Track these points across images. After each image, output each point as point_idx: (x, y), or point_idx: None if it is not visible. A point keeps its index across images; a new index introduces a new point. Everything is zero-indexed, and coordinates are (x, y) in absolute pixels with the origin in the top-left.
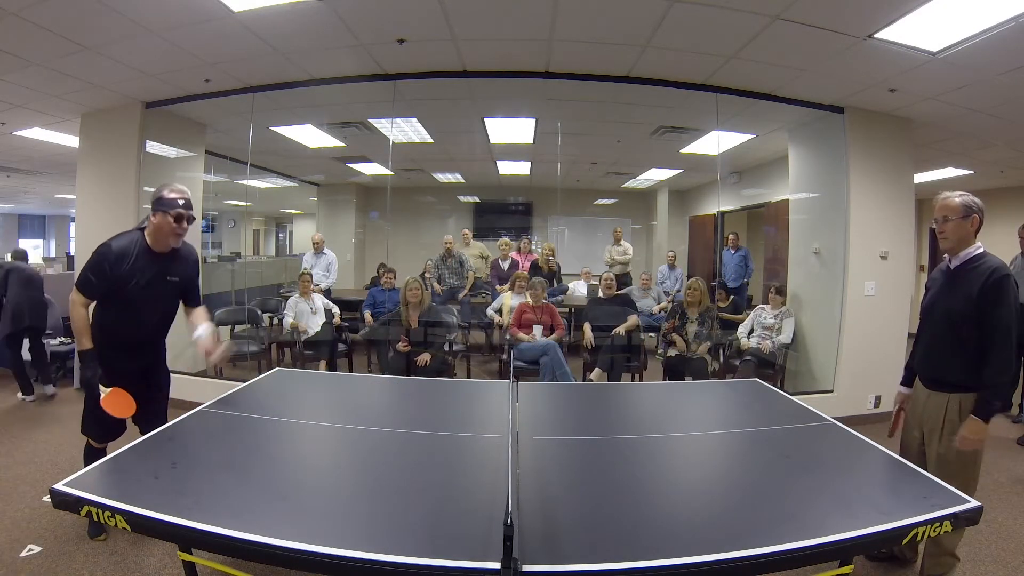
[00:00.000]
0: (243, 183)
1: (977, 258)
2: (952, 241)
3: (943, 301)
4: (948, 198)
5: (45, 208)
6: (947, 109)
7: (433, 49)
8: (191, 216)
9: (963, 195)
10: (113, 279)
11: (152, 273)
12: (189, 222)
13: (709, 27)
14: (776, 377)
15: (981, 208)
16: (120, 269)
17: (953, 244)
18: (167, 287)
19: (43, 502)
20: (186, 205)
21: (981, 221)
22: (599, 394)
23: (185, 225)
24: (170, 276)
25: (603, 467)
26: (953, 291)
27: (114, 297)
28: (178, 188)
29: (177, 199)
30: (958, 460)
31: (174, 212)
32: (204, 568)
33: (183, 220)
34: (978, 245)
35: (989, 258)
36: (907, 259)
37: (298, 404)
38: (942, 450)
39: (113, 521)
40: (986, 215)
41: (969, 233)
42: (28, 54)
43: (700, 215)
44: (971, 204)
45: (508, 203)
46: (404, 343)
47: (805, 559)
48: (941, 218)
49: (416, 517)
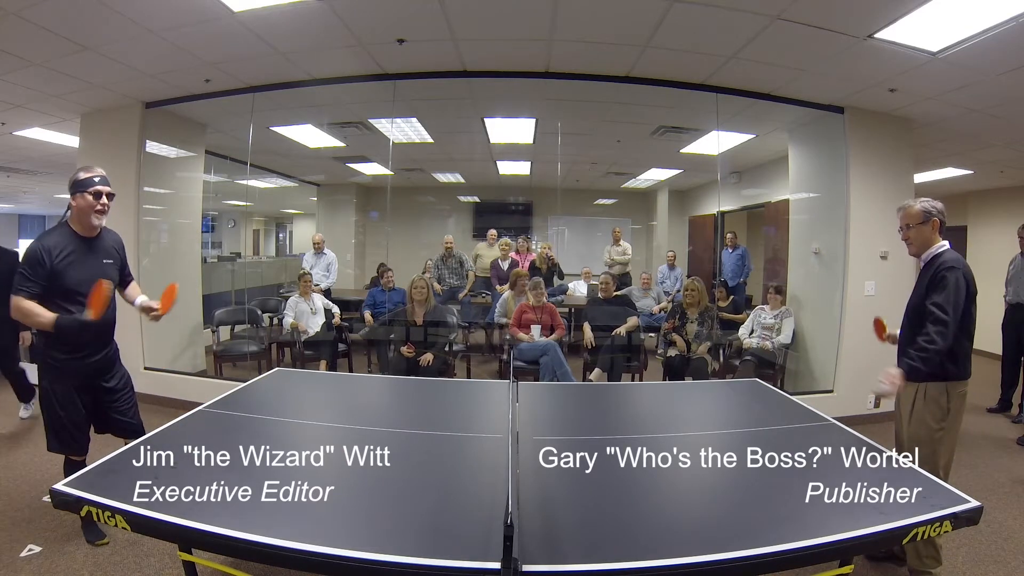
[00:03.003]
0: (243, 183)
1: (937, 256)
2: (916, 245)
3: (912, 298)
4: (909, 207)
5: (45, 208)
6: (947, 109)
7: (433, 49)
8: (110, 192)
9: (922, 201)
10: (52, 273)
11: (88, 259)
12: (109, 198)
13: (709, 27)
14: (776, 377)
15: (941, 210)
16: (57, 262)
17: (918, 248)
18: (105, 270)
19: (43, 502)
20: (102, 181)
21: (942, 223)
22: (599, 394)
23: (105, 200)
24: (106, 259)
25: (603, 467)
26: (916, 289)
27: (57, 293)
28: (92, 168)
29: (92, 177)
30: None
31: (92, 189)
32: (204, 568)
33: (102, 196)
34: (942, 244)
35: (946, 254)
36: (907, 259)
37: (298, 404)
38: (910, 432)
39: (113, 521)
40: (986, 215)
41: (931, 235)
42: (28, 54)
43: (700, 215)
44: (929, 209)
45: (508, 203)
46: (409, 348)
47: (805, 559)
48: (904, 226)
49: (416, 517)
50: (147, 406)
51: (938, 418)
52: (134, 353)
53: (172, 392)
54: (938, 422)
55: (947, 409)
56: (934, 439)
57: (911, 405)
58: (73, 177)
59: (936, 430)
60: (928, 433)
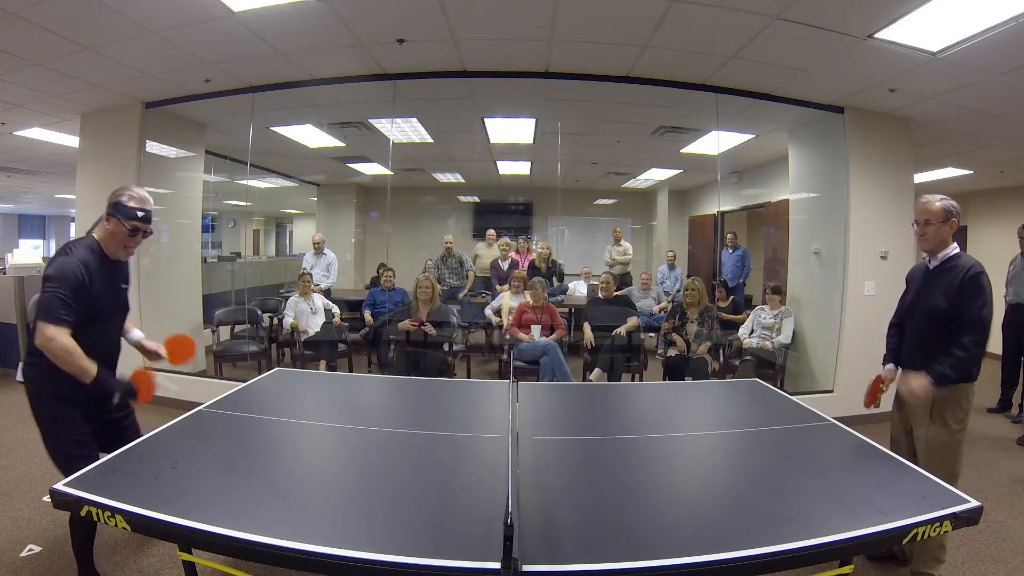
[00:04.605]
0: (243, 183)
1: (954, 258)
2: (932, 243)
3: (926, 299)
4: (929, 202)
5: (45, 208)
6: (947, 109)
7: (433, 49)
8: (148, 231)
9: (943, 199)
10: (90, 297)
11: (112, 282)
12: (145, 236)
13: (709, 27)
14: (776, 377)
15: (959, 212)
16: (92, 283)
17: (933, 246)
18: (123, 296)
19: (43, 502)
20: (145, 218)
21: (957, 224)
22: (599, 394)
23: (140, 239)
24: (123, 283)
25: (603, 467)
26: (934, 290)
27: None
28: (140, 195)
29: (136, 209)
30: (942, 447)
31: (130, 224)
32: (204, 568)
33: (138, 234)
34: (954, 246)
35: (964, 258)
36: (907, 259)
37: (298, 404)
38: (930, 435)
39: (113, 521)
40: (986, 215)
41: (948, 236)
42: (28, 54)
43: (700, 215)
44: (951, 208)
45: (508, 203)
46: (415, 322)
47: (805, 559)
48: (923, 221)
49: (416, 517)
50: (147, 406)
51: (959, 419)
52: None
53: (172, 392)
54: (959, 423)
55: (967, 411)
56: (955, 441)
57: (931, 409)
58: (116, 196)
59: (957, 431)
60: (950, 436)
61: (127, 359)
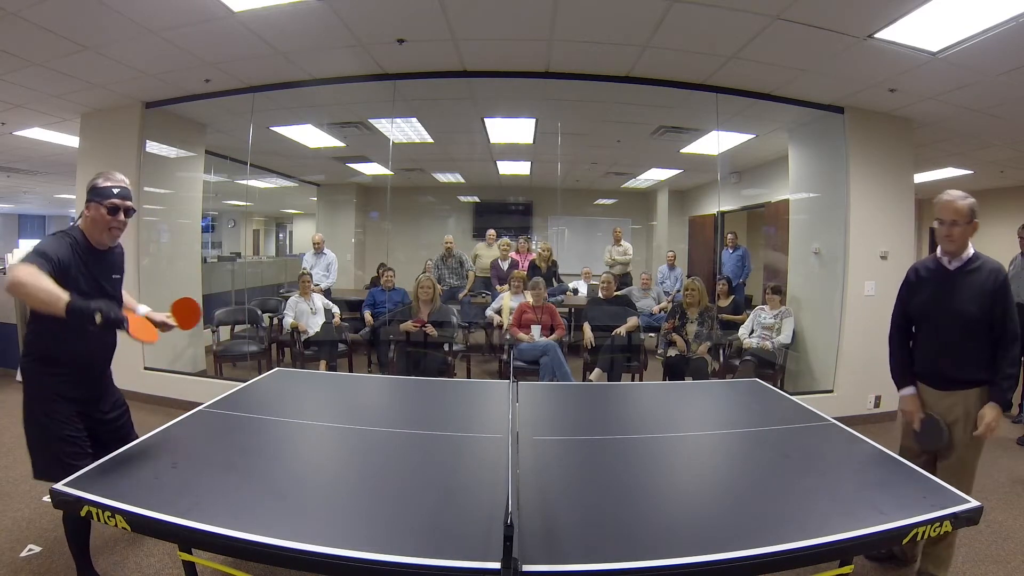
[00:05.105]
0: (243, 183)
1: (974, 259)
2: (959, 244)
3: (949, 303)
4: (955, 200)
5: (45, 208)
6: (947, 109)
7: (433, 49)
8: (128, 207)
9: (966, 197)
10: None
11: (99, 272)
12: (127, 215)
13: (709, 27)
14: (776, 377)
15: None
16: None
17: (959, 247)
18: (114, 285)
19: (43, 502)
20: (122, 192)
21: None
22: (599, 394)
23: (122, 218)
24: (115, 273)
25: (603, 467)
26: (959, 293)
27: None
28: (115, 176)
29: (111, 187)
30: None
31: (108, 202)
32: (204, 568)
33: (118, 212)
34: (970, 246)
35: (986, 259)
36: (907, 259)
37: (298, 404)
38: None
39: (113, 521)
40: (986, 215)
41: (970, 236)
42: (28, 54)
43: (700, 215)
44: (975, 208)
45: (508, 203)
46: (416, 322)
47: (805, 559)
48: (950, 221)
49: (416, 517)
50: (147, 406)
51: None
52: (134, 353)
53: (172, 392)
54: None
55: None
56: (980, 443)
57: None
58: (91, 182)
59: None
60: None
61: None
